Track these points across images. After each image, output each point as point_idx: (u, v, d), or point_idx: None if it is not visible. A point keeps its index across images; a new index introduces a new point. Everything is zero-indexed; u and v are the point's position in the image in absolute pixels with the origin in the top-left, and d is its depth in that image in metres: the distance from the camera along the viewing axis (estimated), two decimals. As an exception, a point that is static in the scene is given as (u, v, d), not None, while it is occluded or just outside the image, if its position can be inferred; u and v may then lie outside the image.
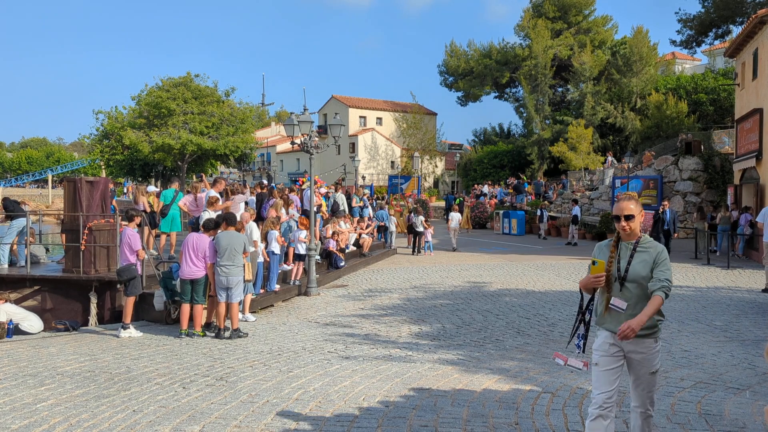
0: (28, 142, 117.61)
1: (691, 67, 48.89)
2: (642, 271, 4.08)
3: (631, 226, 4.18)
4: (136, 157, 46.83)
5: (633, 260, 4.12)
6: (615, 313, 4.13)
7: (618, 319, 4.11)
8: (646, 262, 4.10)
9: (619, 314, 4.11)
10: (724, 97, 34.90)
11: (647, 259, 4.10)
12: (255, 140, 48.62)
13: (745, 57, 21.43)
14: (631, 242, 4.20)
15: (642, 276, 4.07)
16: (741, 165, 20.91)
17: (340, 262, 16.31)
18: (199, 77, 44.17)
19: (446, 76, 51.03)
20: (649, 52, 40.24)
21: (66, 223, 12.33)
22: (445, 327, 9.91)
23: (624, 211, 4.17)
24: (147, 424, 5.59)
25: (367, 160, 55.58)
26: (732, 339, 8.82)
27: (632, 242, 4.20)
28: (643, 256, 4.12)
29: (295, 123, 13.90)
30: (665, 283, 4.01)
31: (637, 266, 4.10)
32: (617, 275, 4.15)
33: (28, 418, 5.82)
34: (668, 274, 4.05)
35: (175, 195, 13.67)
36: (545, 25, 43.73)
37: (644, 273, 4.07)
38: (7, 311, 10.72)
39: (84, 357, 8.36)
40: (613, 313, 4.14)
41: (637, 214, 4.18)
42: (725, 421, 5.50)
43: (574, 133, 37.74)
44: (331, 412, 5.83)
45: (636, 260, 4.12)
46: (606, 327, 4.22)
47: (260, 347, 8.72)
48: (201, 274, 9.56)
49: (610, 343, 4.16)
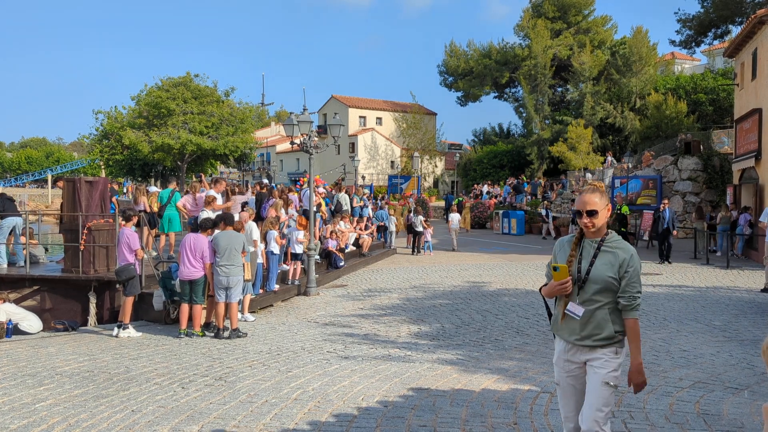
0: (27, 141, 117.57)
1: (690, 67, 48.88)
2: (605, 273, 3.59)
3: (594, 222, 3.65)
4: (135, 157, 46.83)
5: (596, 260, 3.63)
6: (571, 319, 3.66)
7: (573, 327, 3.65)
8: (611, 264, 3.61)
9: (574, 321, 3.64)
10: (723, 97, 34.89)
11: (612, 261, 3.61)
12: (255, 140, 48.63)
13: (744, 57, 21.44)
14: (595, 240, 3.70)
15: (605, 278, 3.58)
16: (740, 165, 20.92)
17: (339, 262, 16.31)
18: (199, 77, 44.22)
19: (446, 76, 51.00)
20: (649, 52, 40.24)
21: (65, 223, 12.33)
22: (444, 327, 9.92)
23: (586, 205, 3.65)
24: (146, 424, 5.59)
25: (367, 160, 55.58)
26: (731, 339, 8.82)
27: (597, 240, 3.69)
28: (608, 257, 3.63)
29: (295, 123, 13.91)
30: (639, 300, 3.61)
31: (600, 267, 3.61)
32: (577, 276, 3.66)
33: (27, 417, 5.82)
34: (639, 287, 3.62)
35: (171, 195, 13.61)
36: (545, 25, 43.71)
37: (608, 275, 3.59)
38: (7, 311, 10.72)
39: (83, 357, 8.37)
40: (569, 320, 3.67)
41: (601, 209, 3.65)
42: (724, 421, 5.51)
43: (574, 133, 37.74)
44: (330, 412, 5.83)
45: (600, 260, 3.63)
46: (561, 335, 3.74)
47: (259, 347, 8.72)
48: (199, 274, 9.56)
49: (566, 359, 3.73)
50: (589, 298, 3.62)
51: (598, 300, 3.60)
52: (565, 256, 3.72)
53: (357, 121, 58.37)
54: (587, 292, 3.62)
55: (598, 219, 3.64)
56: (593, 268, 3.62)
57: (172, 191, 13.76)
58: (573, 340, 3.66)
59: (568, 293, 3.64)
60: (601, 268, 3.60)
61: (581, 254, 3.70)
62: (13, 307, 11.02)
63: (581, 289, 3.64)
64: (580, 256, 3.69)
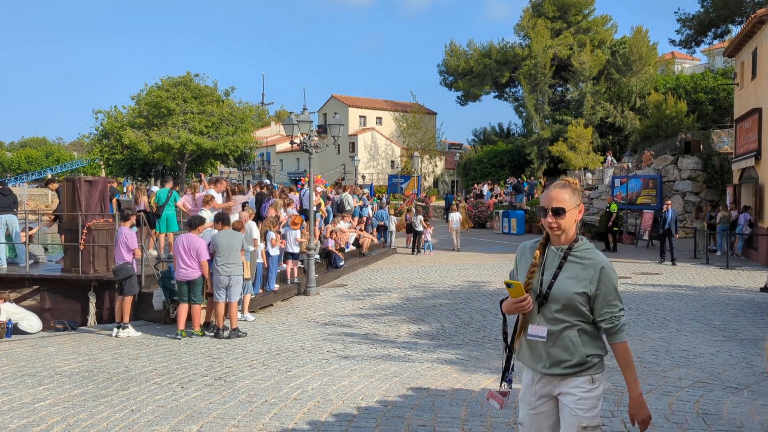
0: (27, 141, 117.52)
1: (690, 66, 48.89)
2: (571, 289, 2.96)
3: (560, 223, 3.01)
4: (135, 157, 46.87)
5: (561, 272, 3.01)
6: (536, 343, 3.06)
7: (540, 353, 3.05)
8: (579, 278, 2.98)
9: (540, 345, 3.04)
10: (723, 97, 34.89)
11: (581, 275, 2.98)
12: (254, 140, 48.66)
13: (744, 57, 21.44)
14: (561, 247, 3.06)
15: (569, 295, 2.96)
16: (740, 164, 20.92)
17: (339, 262, 16.31)
18: (199, 77, 44.26)
19: (446, 76, 51.02)
20: (649, 51, 40.25)
21: (65, 222, 12.33)
22: (444, 326, 9.92)
23: (552, 201, 3.02)
24: (145, 423, 5.59)
25: (367, 160, 55.58)
26: (730, 338, 8.82)
27: (563, 247, 3.05)
28: (575, 270, 3.00)
29: (295, 123, 13.91)
30: (623, 320, 2.99)
31: (564, 281, 2.98)
32: (537, 291, 3.05)
33: (27, 417, 5.82)
34: (620, 303, 3.01)
35: (169, 195, 13.57)
36: (545, 24, 43.72)
37: (573, 291, 2.96)
38: (7, 310, 10.72)
39: (82, 357, 8.37)
40: (535, 344, 3.07)
41: (570, 208, 3.01)
42: (723, 421, 5.50)
43: (574, 133, 37.75)
44: (330, 412, 5.83)
45: (565, 273, 3.00)
46: (526, 362, 3.15)
47: (259, 347, 8.72)
48: (196, 274, 9.48)
49: (533, 393, 3.09)
50: (553, 317, 3.02)
51: (564, 320, 3.00)
52: (526, 266, 3.13)
53: (357, 121, 58.37)
54: (550, 310, 3.02)
55: (565, 220, 3.01)
56: (556, 282, 3.01)
57: (170, 191, 13.72)
58: (540, 368, 3.05)
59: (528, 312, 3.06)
60: (566, 283, 2.99)
61: (544, 264, 3.09)
62: (13, 306, 11.02)
63: (542, 306, 3.03)
64: (543, 267, 3.09)
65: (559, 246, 3.07)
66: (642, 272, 15.96)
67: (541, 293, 3.04)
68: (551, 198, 3.03)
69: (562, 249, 3.05)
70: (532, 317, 3.07)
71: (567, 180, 3.12)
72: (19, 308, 11.14)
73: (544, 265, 3.08)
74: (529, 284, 3.05)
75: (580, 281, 2.98)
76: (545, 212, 3.05)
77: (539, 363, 3.05)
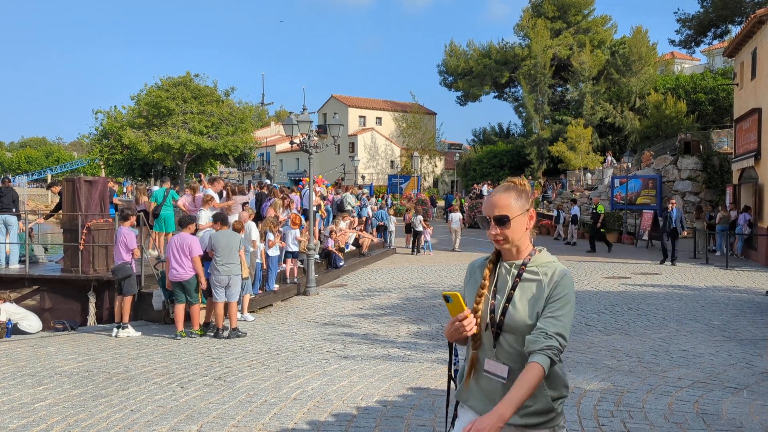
0: (27, 141, 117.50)
1: (690, 66, 48.91)
2: (526, 315, 2.41)
3: (506, 235, 2.46)
4: (135, 157, 46.87)
5: (515, 294, 2.44)
6: (489, 380, 2.47)
7: (492, 393, 2.44)
8: (536, 297, 2.42)
9: (494, 383, 2.46)
10: (722, 97, 34.93)
11: (536, 294, 2.42)
12: (254, 140, 48.63)
13: (743, 57, 21.45)
14: (515, 263, 2.50)
15: (525, 321, 2.41)
16: (740, 165, 20.93)
17: (339, 262, 16.32)
18: (199, 77, 44.23)
19: (446, 76, 51.06)
20: (648, 51, 40.28)
21: (65, 222, 12.33)
22: (443, 326, 9.92)
23: (494, 209, 2.47)
24: (145, 423, 5.59)
25: (367, 160, 55.60)
26: (730, 338, 8.83)
27: (517, 263, 2.50)
28: (530, 288, 2.44)
29: (294, 123, 13.91)
30: (553, 342, 2.32)
31: (520, 305, 2.42)
32: (488, 320, 2.46)
33: (27, 417, 5.82)
34: (564, 323, 2.36)
35: (166, 194, 13.55)
36: (544, 24, 43.75)
37: (530, 317, 2.41)
38: (7, 310, 10.73)
39: (82, 357, 8.37)
40: (486, 381, 2.48)
41: (516, 214, 2.46)
42: (723, 421, 5.51)
43: (574, 133, 37.78)
44: (329, 412, 5.83)
45: (519, 294, 2.44)
46: (470, 403, 2.53)
47: (259, 347, 8.72)
48: (188, 275, 9.37)
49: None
50: (512, 350, 2.43)
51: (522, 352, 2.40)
52: (475, 288, 2.55)
53: (357, 121, 58.39)
54: (507, 342, 2.44)
55: (510, 230, 2.45)
56: (511, 307, 2.43)
57: (167, 190, 13.69)
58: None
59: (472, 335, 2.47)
60: (522, 307, 2.42)
61: (496, 285, 2.51)
62: (13, 306, 11.03)
63: (497, 338, 2.45)
64: (495, 288, 2.51)
65: (512, 262, 2.51)
66: (642, 272, 15.97)
67: (493, 322, 2.46)
68: (492, 204, 2.48)
69: (515, 266, 2.50)
70: (486, 350, 2.49)
71: (512, 181, 2.55)
72: (19, 308, 11.14)
73: (496, 286, 2.51)
74: (477, 311, 2.46)
75: (536, 302, 2.42)
76: (487, 222, 2.49)
77: (490, 406, 2.36)
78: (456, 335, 2.46)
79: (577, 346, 8.32)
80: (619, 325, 9.76)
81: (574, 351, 8.06)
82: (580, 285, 13.96)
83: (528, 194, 2.53)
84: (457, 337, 2.47)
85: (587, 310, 10.94)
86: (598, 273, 15.93)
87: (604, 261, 18.56)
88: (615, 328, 9.50)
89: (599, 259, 18.95)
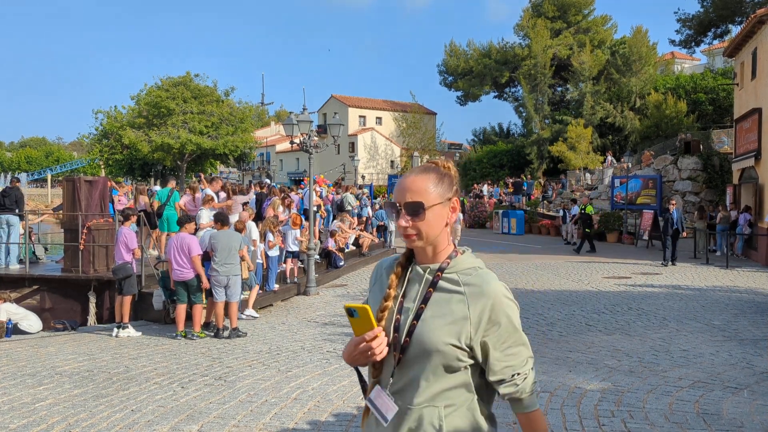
0: (27, 141, 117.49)
1: (690, 66, 48.92)
2: (441, 337, 1.82)
3: (421, 229, 1.88)
4: (135, 157, 46.85)
5: (426, 309, 1.86)
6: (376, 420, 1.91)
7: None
8: (453, 317, 1.84)
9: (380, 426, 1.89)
10: (723, 97, 34.91)
11: (455, 311, 1.84)
12: (254, 140, 48.63)
13: (744, 57, 21.45)
14: (430, 267, 1.93)
15: (437, 346, 1.82)
16: (740, 164, 20.93)
17: (339, 262, 16.31)
18: (199, 77, 44.23)
19: (446, 76, 51.04)
20: (649, 51, 40.28)
21: (65, 222, 12.34)
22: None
23: (405, 194, 1.89)
24: (145, 423, 5.59)
25: (367, 160, 55.61)
26: (730, 338, 8.83)
27: (433, 267, 1.92)
28: (446, 303, 1.86)
29: (294, 123, 13.91)
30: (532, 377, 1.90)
31: (432, 323, 1.84)
32: (391, 337, 1.90)
33: (27, 417, 5.82)
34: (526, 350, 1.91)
35: (170, 194, 13.58)
36: (544, 24, 43.74)
37: (445, 340, 1.82)
38: (7, 310, 10.74)
39: (82, 356, 8.37)
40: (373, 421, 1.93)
41: (434, 203, 1.88)
42: (723, 421, 5.51)
43: (574, 133, 37.77)
44: (330, 412, 5.83)
45: (432, 309, 1.86)
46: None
47: (259, 347, 8.72)
48: (190, 274, 9.40)
49: None
50: (410, 382, 1.85)
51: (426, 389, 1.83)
52: (379, 297, 1.99)
53: (357, 121, 58.39)
54: (409, 369, 1.85)
55: (425, 223, 1.86)
56: (420, 325, 1.84)
57: (171, 190, 13.74)
58: None
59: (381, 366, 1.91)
60: (434, 326, 1.83)
61: (404, 294, 1.92)
62: (13, 306, 11.04)
63: (399, 362, 1.87)
64: (402, 298, 1.92)
65: (426, 266, 1.92)
66: (642, 272, 15.97)
67: (396, 344, 1.86)
68: (404, 188, 1.88)
69: (431, 271, 1.90)
70: (383, 376, 1.91)
71: (434, 162, 1.96)
72: (20, 308, 11.15)
73: (403, 296, 1.91)
74: (382, 322, 1.90)
75: (454, 322, 1.81)
76: (396, 211, 1.88)
77: None
78: (361, 359, 1.89)
79: (578, 346, 8.32)
80: (619, 325, 9.76)
81: (575, 351, 8.06)
82: (580, 285, 13.96)
83: (453, 180, 1.95)
84: (362, 362, 1.91)
85: (587, 310, 10.94)
86: (598, 273, 15.93)
87: (604, 261, 18.56)
88: (615, 328, 9.50)
89: (599, 259, 18.95)
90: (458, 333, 1.83)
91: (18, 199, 13.34)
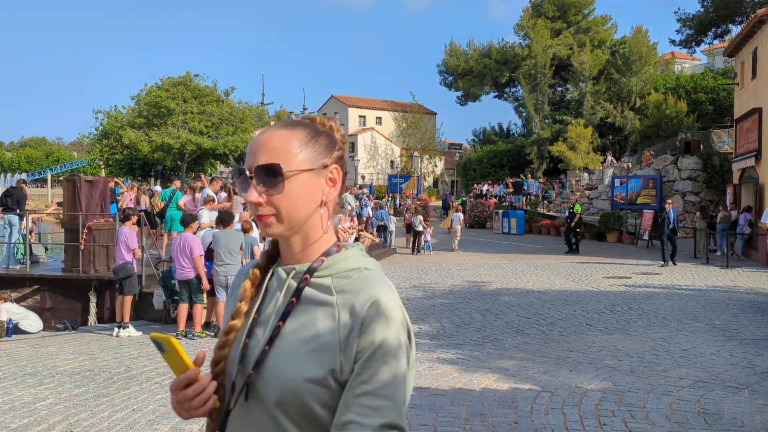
0: (27, 141, 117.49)
1: (690, 66, 48.94)
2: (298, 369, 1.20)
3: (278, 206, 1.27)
4: (135, 157, 46.87)
5: (283, 330, 1.25)
6: None
7: None
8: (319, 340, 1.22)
9: None
10: (723, 97, 34.93)
11: (322, 331, 1.23)
12: (254, 140, 48.61)
13: (744, 56, 21.45)
14: (294, 269, 1.32)
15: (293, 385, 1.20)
16: (740, 164, 20.94)
17: (339, 262, 16.30)
18: (199, 77, 44.23)
19: (446, 76, 51.09)
20: (649, 51, 40.31)
21: (65, 222, 12.36)
22: (444, 326, 9.92)
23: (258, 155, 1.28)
24: (146, 423, 5.59)
25: (367, 160, 55.60)
26: (731, 338, 8.83)
27: (299, 269, 1.31)
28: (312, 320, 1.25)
29: (295, 122, 13.91)
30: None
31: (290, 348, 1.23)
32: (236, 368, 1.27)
33: (28, 417, 5.82)
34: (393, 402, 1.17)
35: (173, 194, 13.63)
36: (545, 24, 43.77)
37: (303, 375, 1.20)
38: (8, 310, 10.74)
39: (83, 356, 8.37)
40: None
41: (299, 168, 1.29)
42: (724, 420, 5.51)
43: (574, 133, 37.81)
44: (331, 411, 5.82)
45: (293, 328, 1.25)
46: None
47: (259, 346, 8.72)
48: (192, 274, 9.39)
49: None
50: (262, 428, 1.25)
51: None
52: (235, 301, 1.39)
53: (357, 121, 58.38)
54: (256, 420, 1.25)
55: (285, 197, 1.28)
56: (273, 354, 1.25)
57: (174, 191, 13.80)
58: None
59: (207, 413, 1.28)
60: (291, 354, 1.23)
61: (260, 306, 1.34)
62: (14, 306, 11.04)
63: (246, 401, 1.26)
64: (257, 315, 1.33)
65: (290, 267, 1.33)
66: (642, 272, 15.97)
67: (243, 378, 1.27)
68: (256, 147, 1.30)
69: (297, 274, 1.32)
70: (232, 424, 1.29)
71: (308, 117, 1.41)
72: (20, 308, 11.16)
73: (258, 311, 1.33)
74: (221, 359, 1.30)
75: (319, 349, 1.23)
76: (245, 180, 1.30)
77: None
78: (182, 413, 1.27)
79: (578, 346, 8.33)
80: (619, 324, 9.77)
81: (575, 351, 8.06)
82: (580, 285, 13.97)
83: (334, 142, 1.40)
84: (185, 416, 1.27)
85: (588, 310, 10.95)
86: (598, 273, 15.93)
87: (605, 261, 18.57)
88: (616, 328, 9.50)
89: (600, 259, 18.96)
90: (325, 364, 1.21)
91: (20, 199, 13.38)
